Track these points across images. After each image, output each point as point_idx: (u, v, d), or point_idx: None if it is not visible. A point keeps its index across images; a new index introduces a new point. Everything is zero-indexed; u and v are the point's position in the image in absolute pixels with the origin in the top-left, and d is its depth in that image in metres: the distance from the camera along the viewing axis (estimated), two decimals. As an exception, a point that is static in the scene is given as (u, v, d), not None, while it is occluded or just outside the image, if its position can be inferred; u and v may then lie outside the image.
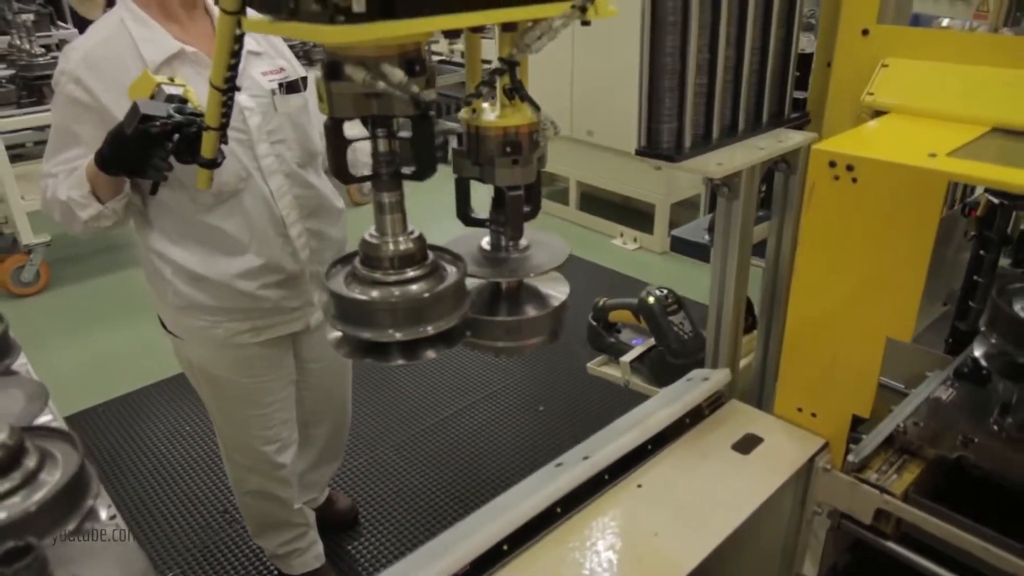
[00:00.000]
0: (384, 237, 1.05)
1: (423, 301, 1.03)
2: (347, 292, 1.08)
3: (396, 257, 1.05)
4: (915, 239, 1.02)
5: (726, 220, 1.34)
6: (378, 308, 1.03)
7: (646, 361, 1.54)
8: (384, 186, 1.04)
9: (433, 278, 1.08)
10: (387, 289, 1.05)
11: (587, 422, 3.22)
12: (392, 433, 3.17)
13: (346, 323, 1.05)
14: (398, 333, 1.02)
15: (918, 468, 1.22)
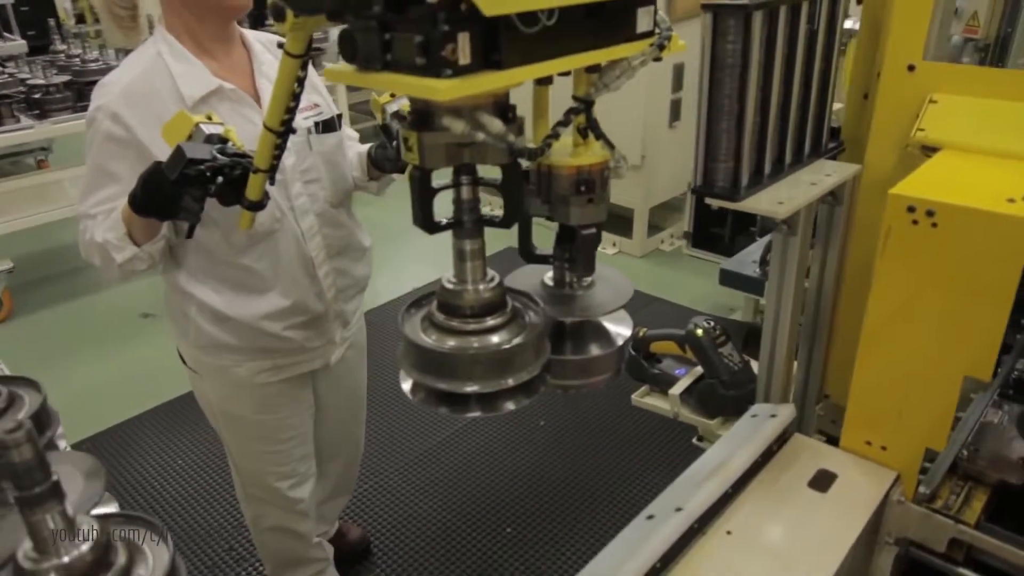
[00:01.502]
0: (464, 284, 1.03)
1: (505, 353, 1.02)
2: (425, 341, 1.05)
3: (477, 305, 1.03)
4: (998, 283, 1.04)
5: (783, 256, 1.35)
6: (459, 360, 1.01)
7: (694, 393, 1.55)
8: (467, 233, 1.02)
9: (514, 326, 1.07)
10: (467, 340, 1.03)
11: (588, 435, 3.23)
12: (395, 456, 3.13)
13: (423, 372, 1.03)
14: (478, 385, 1.01)
15: (984, 494, 1.25)
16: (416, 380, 1.06)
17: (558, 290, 1.22)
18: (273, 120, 1.14)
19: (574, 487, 2.94)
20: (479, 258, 1.05)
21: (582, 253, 1.15)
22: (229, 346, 1.75)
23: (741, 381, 1.50)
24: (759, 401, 1.51)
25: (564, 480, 2.98)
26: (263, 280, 1.70)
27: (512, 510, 2.81)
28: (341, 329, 1.94)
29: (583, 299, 1.21)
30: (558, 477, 2.99)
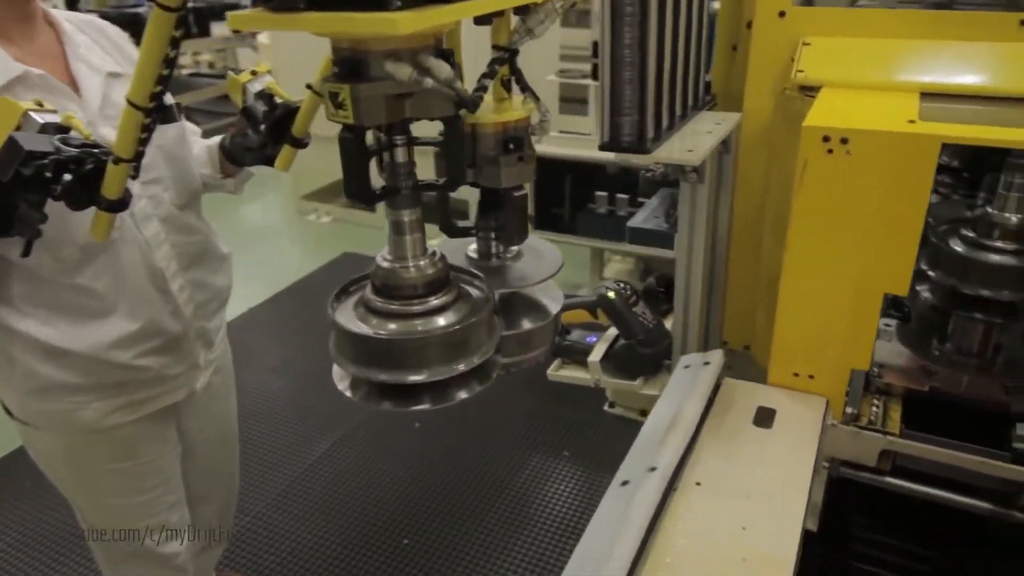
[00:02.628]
0: (404, 261, 0.93)
1: (458, 335, 0.93)
2: (362, 328, 0.93)
3: (419, 284, 0.93)
4: (912, 201, 1.10)
5: (692, 205, 1.36)
6: (405, 346, 0.91)
7: (611, 357, 1.53)
8: (405, 202, 0.92)
9: (462, 305, 0.98)
10: (411, 323, 0.93)
11: (465, 429, 3.15)
12: (263, 487, 2.87)
13: (363, 364, 0.91)
14: (428, 373, 0.91)
15: (898, 405, 1.33)
16: (356, 375, 0.94)
17: (484, 263, 1.14)
18: (139, 94, 0.94)
19: (463, 484, 2.85)
20: (419, 230, 0.95)
21: (514, 217, 1.08)
22: (69, 386, 1.48)
23: (657, 338, 1.50)
24: (676, 354, 1.51)
25: (452, 479, 2.88)
26: (104, 301, 1.45)
27: (405, 520, 2.68)
28: (205, 351, 1.72)
29: (514, 270, 1.14)
30: (445, 477, 2.89)
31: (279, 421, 3.23)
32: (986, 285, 1.29)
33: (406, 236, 0.93)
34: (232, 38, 6.64)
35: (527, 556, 2.51)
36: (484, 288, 1.01)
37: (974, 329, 1.38)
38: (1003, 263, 1.28)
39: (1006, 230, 1.29)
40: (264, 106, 1.43)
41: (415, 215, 0.93)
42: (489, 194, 1.06)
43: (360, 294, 1.00)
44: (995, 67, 1.25)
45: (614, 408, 1.69)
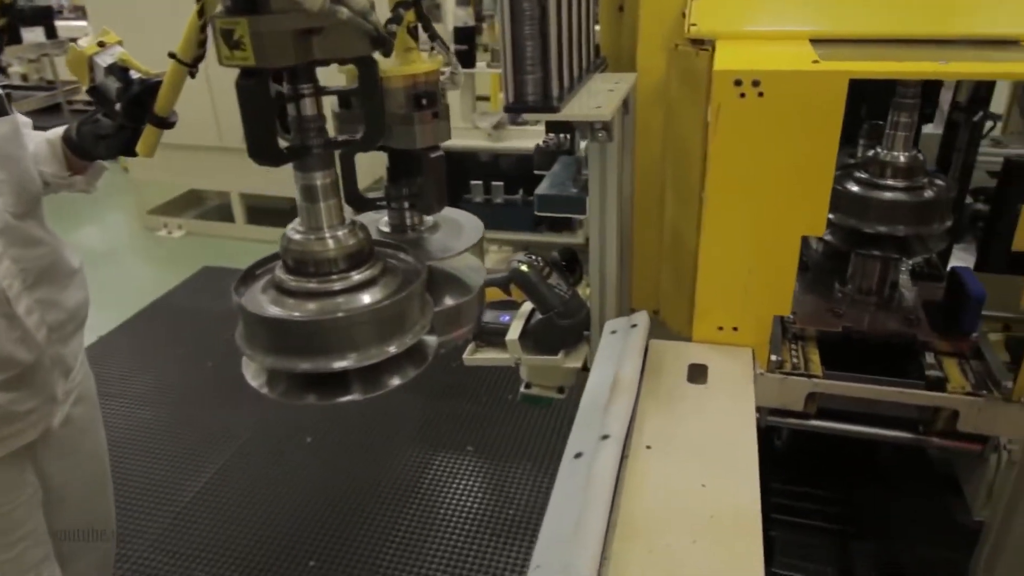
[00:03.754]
0: (319, 232, 0.83)
1: (386, 311, 0.83)
2: (276, 311, 0.82)
3: (339, 258, 0.84)
4: (824, 140, 1.11)
5: (602, 165, 1.32)
6: (329, 328, 0.80)
7: (530, 333, 1.46)
8: (316, 163, 0.81)
9: (389, 279, 0.88)
10: (333, 302, 0.82)
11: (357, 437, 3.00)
12: (142, 528, 2.58)
13: (279, 354, 0.80)
14: (355, 357, 0.81)
15: (815, 349, 1.36)
16: (272, 367, 0.82)
17: (399, 237, 1.05)
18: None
19: (368, 494, 2.71)
20: (334, 196, 0.84)
21: (433, 182, 0.99)
22: None
23: (575, 309, 1.45)
24: (595, 323, 1.47)
25: (354, 490, 2.73)
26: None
27: (308, 541, 2.50)
28: (62, 380, 1.50)
29: (434, 242, 1.05)
30: (347, 490, 2.73)
31: (153, 454, 2.94)
32: (883, 222, 1.34)
33: (320, 203, 0.83)
34: (47, 44, 5.99)
35: (445, 556, 2.41)
36: (412, 260, 0.92)
37: (874, 266, 1.43)
38: (896, 199, 1.33)
39: (896, 168, 1.34)
40: (117, 82, 1.25)
41: (329, 178, 0.82)
42: (401, 158, 0.97)
43: (269, 276, 0.87)
44: (878, 12, 1.29)
45: (531, 388, 1.63)
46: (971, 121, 1.63)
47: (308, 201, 0.82)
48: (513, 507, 2.60)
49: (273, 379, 0.85)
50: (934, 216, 1.34)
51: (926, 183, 1.35)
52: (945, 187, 1.35)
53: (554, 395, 1.64)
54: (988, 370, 1.26)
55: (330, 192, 0.82)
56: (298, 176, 0.80)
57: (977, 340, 1.31)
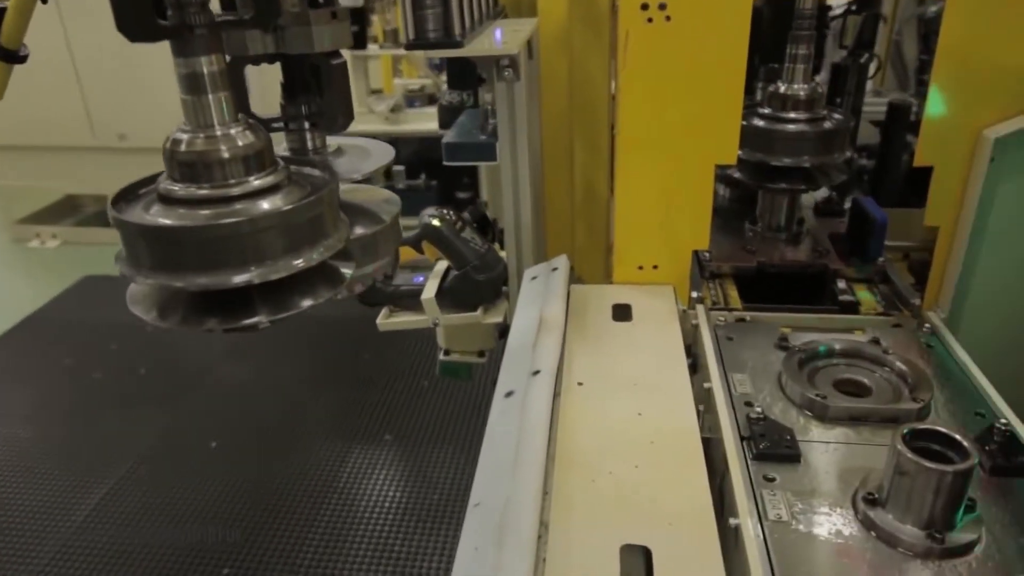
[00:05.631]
0: (208, 130, 0.71)
1: (293, 215, 0.72)
2: (165, 220, 0.70)
3: (234, 158, 0.72)
4: (732, 63, 1.10)
5: (511, 106, 1.27)
6: (224, 233, 0.68)
7: (446, 292, 1.40)
8: (199, 46, 0.69)
9: (294, 189, 0.77)
10: (229, 208, 0.71)
11: (273, 441, 2.85)
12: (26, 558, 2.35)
13: (173, 270, 0.68)
14: (258, 270, 0.69)
15: (732, 285, 1.36)
16: (164, 284, 0.70)
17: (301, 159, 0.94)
18: None
19: (283, 494, 2.57)
20: (223, 87, 0.72)
21: (337, 92, 0.89)
22: None
23: (491, 263, 1.40)
24: (514, 276, 1.43)
25: (267, 492, 2.58)
26: None
27: (220, 549, 2.34)
28: None
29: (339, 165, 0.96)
30: (259, 492, 2.58)
31: (37, 476, 2.69)
32: (788, 153, 1.35)
33: (207, 95, 0.71)
34: None
35: (368, 549, 2.31)
36: (319, 173, 0.83)
37: (781, 202, 1.45)
38: (800, 131, 1.35)
39: (798, 100, 1.35)
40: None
41: (216, 65, 0.70)
42: (297, 68, 0.87)
43: (153, 192, 0.76)
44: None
45: (449, 355, 1.56)
46: (857, 63, 1.68)
47: (193, 93, 0.70)
48: (438, 492, 2.53)
49: (167, 306, 0.73)
50: (835, 146, 1.36)
51: (826, 115, 1.37)
52: (844, 118, 1.38)
53: (474, 359, 1.58)
54: (896, 291, 1.29)
55: (219, 83, 0.70)
56: (179, 63, 0.69)
57: (884, 265, 1.34)
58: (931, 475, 0.73)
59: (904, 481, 0.75)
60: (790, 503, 0.82)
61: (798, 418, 0.96)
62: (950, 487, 0.73)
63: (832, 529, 0.78)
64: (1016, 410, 0.96)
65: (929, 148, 1.14)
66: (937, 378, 1.03)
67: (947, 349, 1.10)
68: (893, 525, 0.76)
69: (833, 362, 1.05)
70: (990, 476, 0.84)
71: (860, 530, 0.78)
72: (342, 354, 3.36)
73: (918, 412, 0.93)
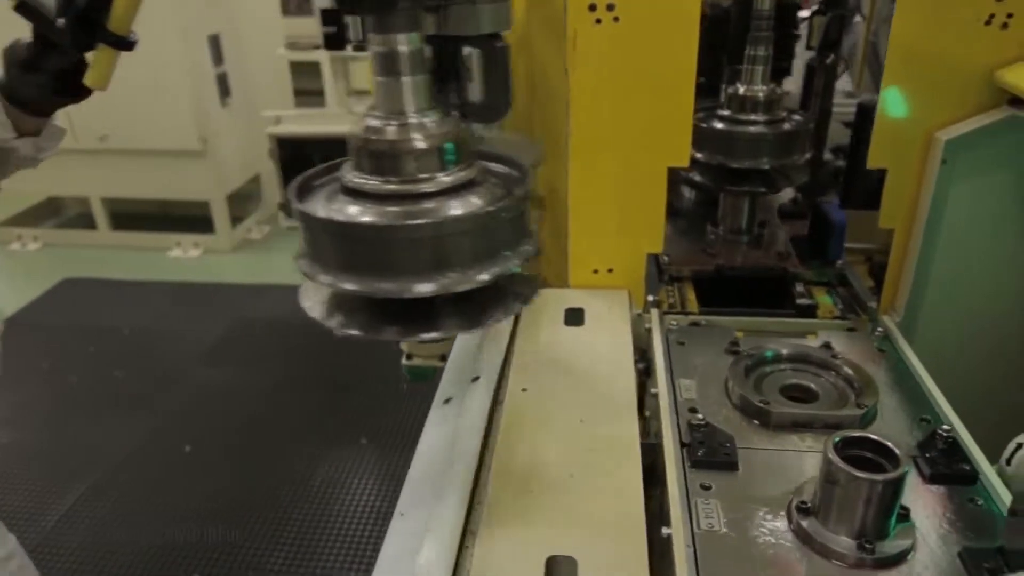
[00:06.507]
0: (402, 117, 0.64)
1: (494, 219, 0.64)
2: (348, 215, 0.63)
3: (430, 150, 0.65)
4: (681, 64, 1.09)
5: (464, 109, 1.26)
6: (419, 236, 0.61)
7: (403, 296, 1.38)
8: (400, 22, 0.62)
9: (489, 187, 0.70)
10: (420, 206, 0.64)
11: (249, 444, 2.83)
12: None
13: (351, 272, 0.61)
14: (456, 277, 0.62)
15: (690, 287, 1.35)
16: (345, 289, 0.63)
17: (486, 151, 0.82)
18: None
19: (250, 498, 2.55)
20: (421, 69, 0.65)
21: (499, 76, 0.79)
22: None
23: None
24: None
25: (237, 496, 2.56)
26: None
27: (191, 553, 2.32)
28: None
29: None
30: (228, 497, 2.56)
31: (10, 479, 2.66)
32: (748, 155, 1.34)
33: (404, 77, 0.64)
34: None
35: (341, 552, 2.29)
36: (514, 162, 0.74)
37: (742, 204, 1.44)
38: (758, 133, 1.34)
39: (756, 102, 1.34)
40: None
41: (416, 44, 0.63)
42: (453, 52, 0.76)
43: (336, 181, 0.70)
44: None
45: (412, 360, 1.55)
46: (824, 64, 1.67)
47: (387, 74, 0.63)
48: (412, 496, 2.51)
49: (338, 306, 0.67)
50: (795, 147, 1.35)
51: (786, 116, 1.36)
52: (803, 120, 1.37)
53: (437, 363, 1.57)
54: (854, 294, 1.28)
55: (417, 64, 0.63)
56: (375, 40, 0.63)
57: (843, 268, 1.33)
58: (861, 484, 0.71)
59: (835, 490, 0.73)
60: (724, 512, 0.80)
61: (742, 425, 0.94)
62: (880, 496, 0.72)
63: (764, 539, 0.77)
64: (968, 414, 0.95)
65: (882, 150, 1.13)
66: (887, 383, 1.02)
67: (899, 353, 1.08)
68: (825, 535, 0.75)
69: (781, 367, 1.03)
70: (929, 484, 0.83)
71: (793, 540, 0.77)
72: (318, 358, 3.34)
73: (861, 418, 0.92)
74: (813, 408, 0.95)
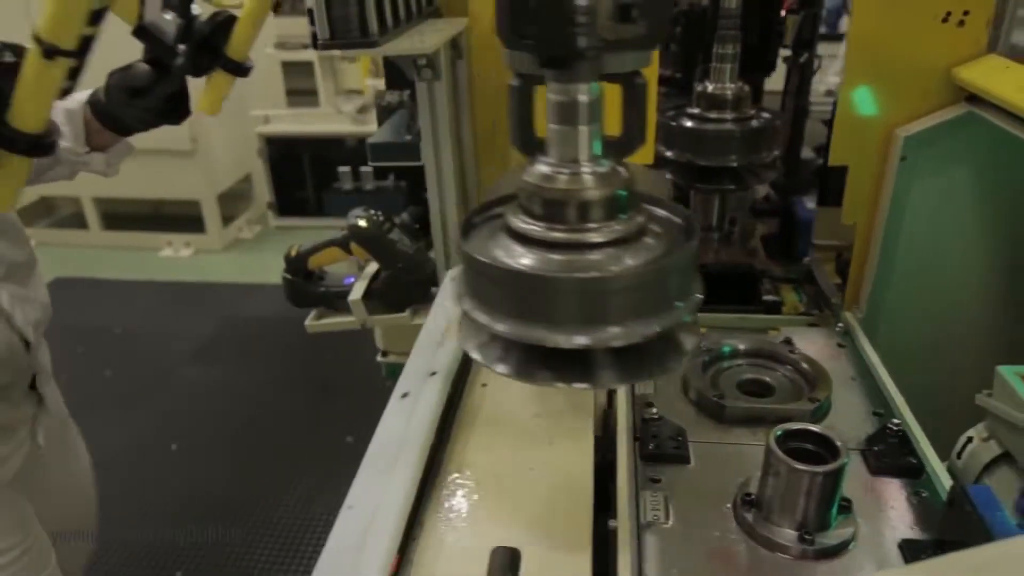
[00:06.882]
0: (574, 166, 0.62)
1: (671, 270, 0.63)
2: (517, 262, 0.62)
3: (602, 200, 0.63)
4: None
5: (432, 105, 1.27)
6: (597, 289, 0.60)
7: (374, 293, 1.39)
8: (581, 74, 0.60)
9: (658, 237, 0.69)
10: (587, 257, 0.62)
11: (234, 443, 2.83)
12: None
13: (527, 320, 0.60)
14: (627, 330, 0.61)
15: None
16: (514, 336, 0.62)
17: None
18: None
19: (235, 496, 2.55)
20: (597, 118, 0.63)
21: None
22: None
23: (420, 263, 1.39)
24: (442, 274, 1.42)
25: (221, 494, 2.56)
26: None
27: (174, 551, 2.33)
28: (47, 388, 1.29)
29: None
30: (213, 494, 2.57)
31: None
32: (715, 153, 1.35)
33: (582, 126, 0.62)
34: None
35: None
36: (677, 211, 0.72)
37: (712, 201, 1.45)
38: (726, 130, 1.34)
39: (724, 100, 1.35)
40: (178, 18, 0.95)
41: (595, 95, 0.62)
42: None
43: (498, 219, 0.69)
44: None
45: (387, 357, 1.56)
46: (798, 62, 1.68)
47: (564, 123, 0.62)
48: (396, 493, 2.51)
49: (508, 351, 0.66)
50: (763, 145, 1.36)
51: (754, 114, 1.37)
52: (771, 117, 1.38)
53: (412, 360, 1.57)
54: (820, 291, 1.29)
55: (595, 113, 0.62)
56: (554, 88, 0.61)
57: (810, 264, 1.34)
58: (800, 476, 0.72)
59: (776, 482, 0.74)
60: (671, 505, 0.81)
61: (696, 419, 0.95)
62: (821, 488, 0.72)
63: (709, 531, 0.78)
64: (928, 410, 0.96)
65: (843, 147, 1.14)
66: (845, 378, 1.03)
67: (857, 348, 1.09)
68: (767, 527, 0.76)
69: (738, 363, 1.04)
70: (874, 476, 0.84)
71: (737, 532, 0.77)
72: (306, 356, 3.34)
73: (813, 412, 0.92)
74: (766, 402, 0.96)
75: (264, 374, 3.29)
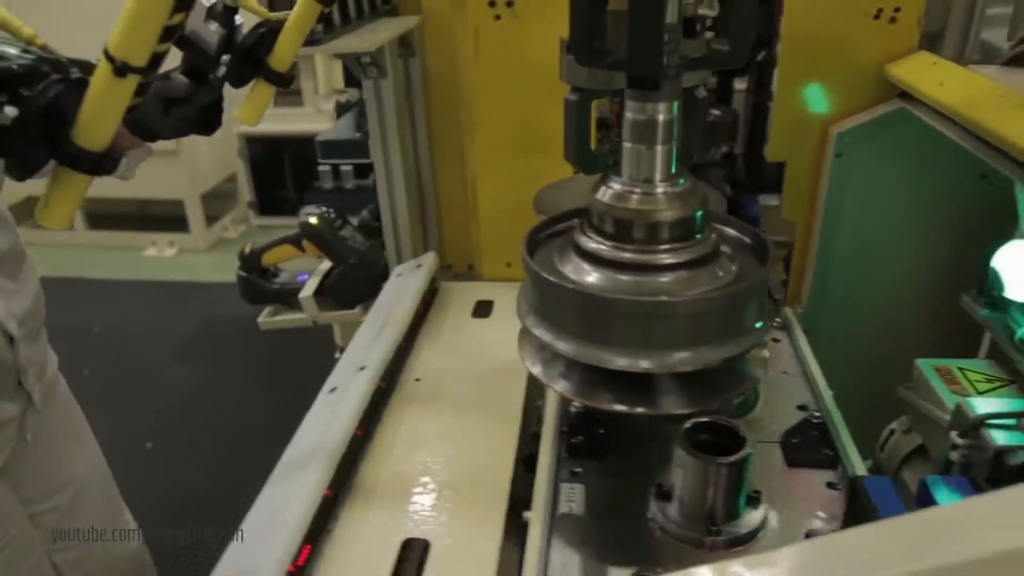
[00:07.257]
0: (649, 186, 0.62)
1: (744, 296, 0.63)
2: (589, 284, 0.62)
3: (675, 221, 0.63)
4: (579, 58, 1.10)
5: (379, 103, 1.27)
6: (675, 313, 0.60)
7: (326, 290, 1.40)
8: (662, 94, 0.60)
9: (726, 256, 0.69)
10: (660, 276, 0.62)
11: (216, 450, 2.84)
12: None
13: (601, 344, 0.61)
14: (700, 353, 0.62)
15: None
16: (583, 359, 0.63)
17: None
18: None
19: (213, 496, 2.55)
20: (670, 138, 0.62)
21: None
22: None
23: (372, 261, 1.40)
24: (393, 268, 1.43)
25: (199, 494, 2.57)
26: None
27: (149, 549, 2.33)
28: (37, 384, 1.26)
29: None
30: (190, 495, 2.57)
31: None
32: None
33: (657, 147, 0.62)
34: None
35: (294, 549, 2.30)
36: (750, 232, 0.72)
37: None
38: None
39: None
40: (222, 28, 0.92)
41: (673, 114, 0.61)
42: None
43: (563, 237, 0.70)
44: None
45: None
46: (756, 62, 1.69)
47: (640, 142, 0.61)
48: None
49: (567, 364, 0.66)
50: (709, 141, 1.36)
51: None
52: (720, 115, 1.39)
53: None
54: (766, 287, 1.30)
55: (668, 133, 0.62)
56: (631, 106, 0.61)
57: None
58: (705, 467, 0.73)
59: (684, 474, 0.75)
60: (588, 497, 0.82)
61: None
62: (726, 479, 0.73)
63: (622, 523, 0.78)
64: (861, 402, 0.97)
65: (780, 143, 1.14)
66: (777, 372, 1.03)
67: (792, 343, 1.10)
68: (677, 518, 0.76)
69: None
70: (789, 468, 0.85)
71: (650, 523, 0.78)
72: (287, 356, 3.35)
73: (739, 406, 0.93)
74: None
75: (242, 373, 3.29)
